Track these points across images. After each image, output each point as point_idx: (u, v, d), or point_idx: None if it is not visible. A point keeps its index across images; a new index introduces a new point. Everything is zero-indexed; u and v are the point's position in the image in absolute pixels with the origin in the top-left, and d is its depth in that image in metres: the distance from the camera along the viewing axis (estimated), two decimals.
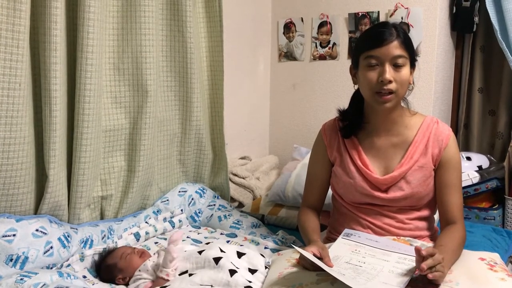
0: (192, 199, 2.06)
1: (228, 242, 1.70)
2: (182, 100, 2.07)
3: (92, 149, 1.69)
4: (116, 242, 1.65)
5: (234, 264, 1.33)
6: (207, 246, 1.42)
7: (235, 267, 1.31)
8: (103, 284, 1.44)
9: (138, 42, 1.82)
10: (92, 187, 1.75)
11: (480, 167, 2.44)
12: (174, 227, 1.91)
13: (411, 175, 1.40)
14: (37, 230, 1.47)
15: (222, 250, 1.38)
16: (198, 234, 1.86)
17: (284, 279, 1.22)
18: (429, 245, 1.37)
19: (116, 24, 1.81)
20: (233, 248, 1.42)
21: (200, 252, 1.38)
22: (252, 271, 1.35)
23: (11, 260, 1.38)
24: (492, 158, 2.57)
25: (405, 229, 1.42)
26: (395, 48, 1.31)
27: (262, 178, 2.66)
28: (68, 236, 1.55)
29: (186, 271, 1.34)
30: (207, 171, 2.22)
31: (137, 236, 1.74)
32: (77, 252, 1.55)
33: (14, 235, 1.41)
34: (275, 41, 2.98)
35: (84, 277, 1.47)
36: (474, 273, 1.18)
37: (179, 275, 1.34)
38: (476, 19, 2.55)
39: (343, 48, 2.74)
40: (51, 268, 1.46)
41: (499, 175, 2.38)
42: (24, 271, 1.31)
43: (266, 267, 1.39)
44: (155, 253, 1.51)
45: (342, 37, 2.73)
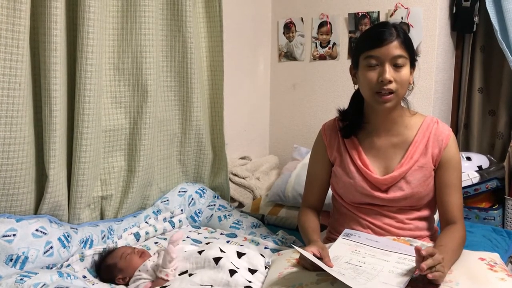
0: (192, 199, 2.06)
1: (228, 242, 1.70)
2: (182, 100, 2.07)
3: (92, 149, 1.69)
4: (116, 242, 1.65)
5: (234, 264, 1.33)
6: (207, 246, 1.42)
7: (235, 267, 1.31)
8: (103, 284, 1.44)
9: (138, 42, 1.82)
10: (92, 187, 1.75)
11: (480, 167, 2.43)
12: (174, 227, 1.91)
13: (411, 175, 1.40)
14: (37, 230, 1.47)
15: (222, 250, 1.38)
16: (198, 234, 1.86)
17: (284, 279, 1.22)
18: (429, 245, 1.37)
19: (116, 24, 1.81)
20: (233, 248, 1.42)
21: (200, 252, 1.38)
22: (252, 271, 1.35)
23: (11, 260, 1.38)
24: (492, 158, 2.57)
25: (405, 229, 1.42)
26: (395, 48, 1.31)
27: (262, 178, 2.66)
28: (68, 236, 1.55)
29: (186, 271, 1.34)
30: (207, 171, 2.22)
31: (137, 236, 1.74)
32: (77, 252, 1.55)
33: (14, 235, 1.41)
34: (275, 41, 2.98)
35: (84, 277, 1.47)
36: (474, 273, 1.18)
37: (179, 275, 1.34)
38: (476, 19, 2.55)
39: (343, 48, 2.74)
40: (51, 268, 1.46)
41: (499, 175, 2.38)
42: (24, 271, 1.31)
43: (266, 267, 1.39)
44: (155, 253, 1.51)
45: (342, 37, 2.73)
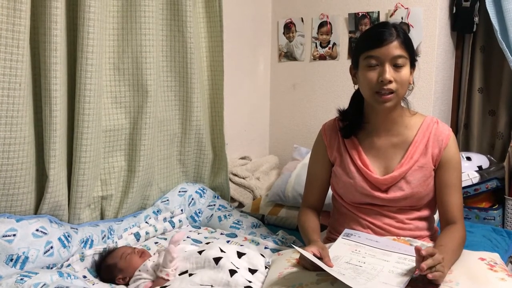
0: (192, 199, 2.06)
1: (228, 242, 1.70)
2: (182, 100, 2.07)
3: (92, 149, 1.69)
4: (116, 242, 1.65)
5: (234, 264, 1.33)
6: (207, 246, 1.42)
7: (235, 267, 1.31)
8: (103, 284, 1.44)
9: (138, 42, 1.82)
10: (92, 187, 1.75)
11: (480, 167, 2.43)
12: (174, 227, 1.91)
13: (411, 175, 1.40)
14: (37, 230, 1.47)
15: (222, 250, 1.38)
16: (198, 234, 1.86)
17: (284, 279, 1.22)
18: (429, 245, 1.37)
19: (116, 24, 1.81)
20: (233, 248, 1.42)
21: (200, 252, 1.38)
22: (252, 271, 1.35)
23: (11, 260, 1.38)
24: (492, 158, 2.57)
25: (405, 229, 1.42)
26: (395, 48, 1.32)
27: (262, 178, 2.66)
28: (68, 236, 1.55)
29: (186, 271, 1.34)
30: (207, 171, 2.22)
31: (137, 236, 1.74)
32: (77, 252, 1.55)
33: (14, 235, 1.41)
34: (275, 41, 2.98)
35: (84, 277, 1.47)
36: (474, 273, 1.18)
37: (179, 275, 1.34)
38: (476, 19, 2.55)
39: (343, 48, 2.74)
40: (51, 268, 1.46)
41: (499, 175, 2.38)
42: (24, 271, 1.31)
43: (266, 267, 1.39)
44: (155, 253, 1.51)
45: (342, 37, 2.73)
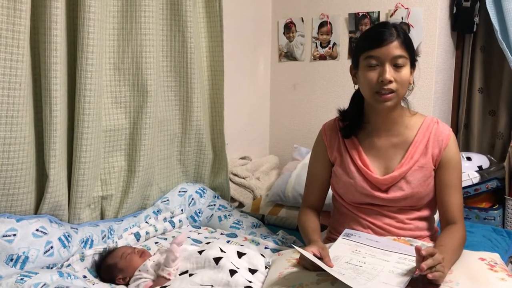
0: (192, 199, 2.06)
1: (228, 242, 1.70)
2: (182, 100, 2.07)
3: (92, 149, 1.69)
4: (116, 242, 1.65)
5: (234, 264, 1.32)
6: (208, 246, 1.42)
7: (235, 267, 1.31)
8: (103, 284, 1.44)
9: (138, 42, 1.82)
10: (92, 187, 1.75)
11: (480, 167, 2.43)
12: (174, 227, 1.91)
13: (411, 175, 1.40)
14: (37, 230, 1.47)
15: (222, 250, 1.38)
16: (198, 234, 1.86)
17: (284, 279, 1.22)
18: (429, 245, 1.37)
19: (116, 24, 1.81)
20: (233, 248, 1.42)
21: (201, 252, 1.38)
22: (252, 271, 1.35)
23: (11, 260, 1.38)
24: (492, 158, 2.57)
25: (405, 229, 1.42)
26: (395, 48, 1.31)
27: (262, 178, 2.66)
28: (69, 236, 1.55)
29: (187, 271, 1.34)
30: (207, 171, 2.22)
31: (137, 236, 1.74)
32: (77, 252, 1.55)
33: (14, 235, 1.41)
34: (275, 41, 2.98)
35: (85, 277, 1.47)
36: (474, 273, 1.18)
37: (179, 275, 1.34)
38: (476, 19, 2.55)
39: (343, 48, 2.74)
40: (52, 268, 1.46)
41: (499, 175, 2.38)
42: (25, 271, 1.31)
43: (266, 267, 1.39)
44: (155, 252, 1.51)
45: (342, 37, 2.73)
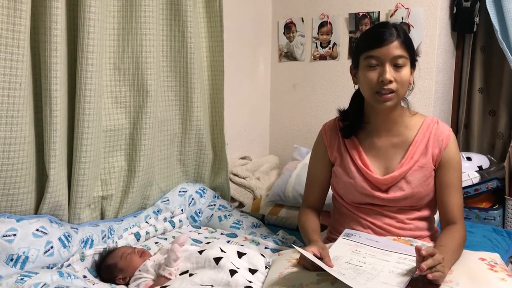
0: (193, 199, 2.06)
1: (228, 242, 1.70)
2: (182, 100, 2.07)
3: (92, 149, 1.69)
4: (116, 242, 1.65)
5: (234, 264, 1.32)
6: (208, 246, 1.42)
7: (236, 267, 1.31)
8: (103, 284, 1.44)
9: (138, 42, 1.82)
10: (92, 187, 1.75)
11: (480, 167, 2.43)
12: (174, 227, 1.91)
13: (411, 175, 1.40)
14: (37, 230, 1.47)
15: (222, 250, 1.37)
16: (199, 234, 1.86)
17: (285, 279, 1.22)
18: (429, 245, 1.37)
19: (116, 24, 1.81)
20: (233, 248, 1.42)
21: (201, 252, 1.38)
22: (253, 271, 1.35)
23: (11, 260, 1.38)
24: (492, 159, 2.57)
25: (405, 229, 1.42)
26: (395, 48, 1.31)
27: (262, 178, 2.66)
28: (69, 236, 1.55)
29: (187, 271, 1.34)
30: (208, 171, 2.22)
31: (137, 236, 1.74)
32: (77, 252, 1.55)
33: (14, 235, 1.41)
34: (276, 41, 2.98)
35: (85, 277, 1.47)
36: (475, 273, 1.18)
37: (179, 274, 1.34)
38: (476, 19, 2.55)
39: (343, 48, 2.74)
40: (52, 268, 1.46)
41: (500, 176, 2.38)
42: (25, 271, 1.31)
43: (266, 267, 1.39)
44: (156, 252, 1.51)
45: (342, 37, 2.73)
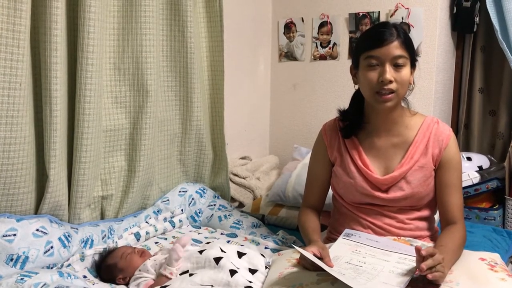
0: (193, 199, 2.06)
1: (228, 242, 1.70)
2: (182, 100, 2.07)
3: (92, 149, 1.69)
4: (116, 242, 1.65)
5: (234, 264, 1.32)
6: (208, 246, 1.42)
7: (236, 267, 1.31)
8: (103, 284, 1.44)
9: (138, 42, 1.82)
10: (92, 187, 1.75)
11: (480, 167, 2.43)
12: (174, 227, 1.91)
13: (411, 175, 1.40)
14: (37, 230, 1.47)
15: (222, 250, 1.37)
16: (199, 234, 1.86)
17: (285, 279, 1.22)
18: (429, 245, 1.37)
19: (116, 24, 1.81)
20: (233, 248, 1.42)
21: (201, 252, 1.38)
22: (253, 271, 1.35)
23: (11, 259, 1.38)
24: (492, 159, 2.57)
25: (405, 229, 1.42)
26: (395, 48, 1.31)
27: (262, 178, 2.66)
28: (69, 236, 1.55)
29: (187, 271, 1.34)
30: (208, 171, 2.22)
31: (137, 236, 1.74)
32: (77, 252, 1.55)
33: (14, 234, 1.41)
34: (276, 41, 2.98)
35: (85, 277, 1.47)
36: (475, 273, 1.18)
37: (179, 274, 1.34)
38: (476, 19, 2.55)
39: (343, 48, 2.74)
40: (52, 268, 1.46)
41: (500, 176, 2.38)
42: (25, 271, 1.31)
43: (266, 267, 1.39)
44: (156, 253, 1.51)
45: (342, 37, 2.73)
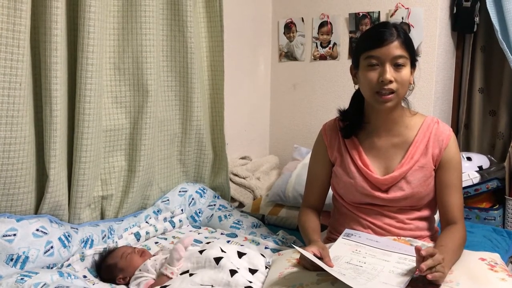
0: (193, 199, 2.06)
1: (228, 242, 1.70)
2: (182, 100, 2.07)
3: (92, 149, 1.69)
4: (116, 242, 1.65)
5: (234, 264, 1.32)
6: (208, 246, 1.42)
7: (236, 267, 1.31)
8: (103, 284, 1.44)
9: (138, 42, 1.82)
10: (92, 187, 1.75)
11: (480, 167, 2.43)
12: (174, 227, 1.91)
13: (411, 175, 1.40)
14: (37, 230, 1.47)
15: (222, 250, 1.37)
16: (199, 234, 1.86)
17: (285, 279, 1.22)
18: (429, 245, 1.37)
19: (116, 24, 1.81)
20: (233, 248, 1.42)
21: (201, 251, 1.38)
22: (253, 271, 1.35)
23: (11, 259, 1.38)
24: (492, 159, 2.57)
25: (405, 229, 1.42)
26: (395, 48, 1.31)
27: (262, 178, 2.66)
28: (69, 236, 1.55)
29: (187, 270, 1.34)
30: (208, 171, 2.22)
31: (137, 236, 1.74)
32: (77, 252, 1.55)
33: (14, 234, 1.41)
34: (276, 41, 2.98)
35: (85, 277, 1.47)
36: (475, 273, 1.18)
37: (180, 274, 1.34)
38: (476, 19, 2.55)
39: (343, 48, 2.74)
40: (52, 267, 1.46)
41: (500, 176, 2.38)
42: (25, 271, 1.31)
43: (266, 267, 1.39)
44: (157, 252, 1.51)
45: (342, 37, 2.73)
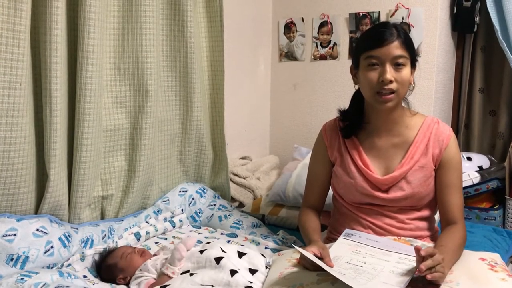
0: (193, 199, 2.06)
1: (228, 242, 1.70)
2: (182, 100, 2.07)
3: (92, 148, 1.69)
4: (116, 242, 1.65)
5: (234, 264, 1.32)
6: (209, 246, 1.42)
7: (236, 267, 1.31)
8: (103, 284, 1.44)
9: (138, 42, 1.82)
10: (92, 186, 1.75)
11: (480, 168, 2.43)
12: (174, 227, 1.91)
13: (411, 175, 1.40)
14: (37, 230, 1.47)
15: (223, 250, 1.37)
16: (199, 234, 1.86)
17: (285, 279, 1.22)
18: (429, 245, 1.37)
19: (116, 24, 1.81)
20: (234, 248, 1.42)
21: (202, 251, 1.38)
22: (253, 271, 1.35)
23: (11, 259, 1.38)
24: (492, 159, 2.57)
25: (405, 229, 1.42)
26: (395, 48, 1.31)
27: (262, 178, 2.66)
28: (69, 235, 1.55)
29: (188, 270, 1.34)
30: (208, 171, 2.22)
31: (137, 236, 1.74)
32: (77, 252, 1.55)
33: (14, 234, 1.41)
34: (276, 41, 2.98)
35: (85, 276, 1.47)
36: (475, 273, 1.18)
37: (180, 274, 1.34)
38: (476, 19, 2.55)
39: (343, 48, 2.74)
40: (52, 267, 1.46)
41: (500, 176, 2.38)
42: (25, 271, 1.31)
43: (266, 267, 1.39)
44: (157, 252, 1.51)
45: (342, 37, 2.73)
